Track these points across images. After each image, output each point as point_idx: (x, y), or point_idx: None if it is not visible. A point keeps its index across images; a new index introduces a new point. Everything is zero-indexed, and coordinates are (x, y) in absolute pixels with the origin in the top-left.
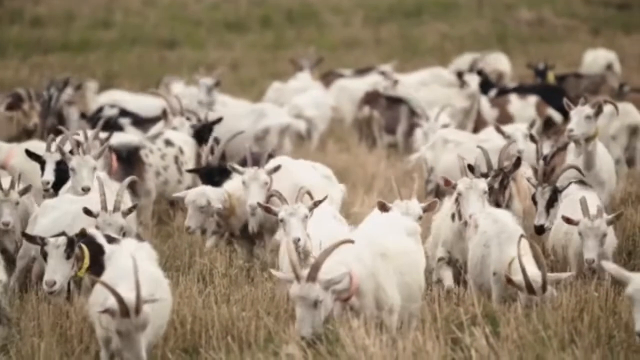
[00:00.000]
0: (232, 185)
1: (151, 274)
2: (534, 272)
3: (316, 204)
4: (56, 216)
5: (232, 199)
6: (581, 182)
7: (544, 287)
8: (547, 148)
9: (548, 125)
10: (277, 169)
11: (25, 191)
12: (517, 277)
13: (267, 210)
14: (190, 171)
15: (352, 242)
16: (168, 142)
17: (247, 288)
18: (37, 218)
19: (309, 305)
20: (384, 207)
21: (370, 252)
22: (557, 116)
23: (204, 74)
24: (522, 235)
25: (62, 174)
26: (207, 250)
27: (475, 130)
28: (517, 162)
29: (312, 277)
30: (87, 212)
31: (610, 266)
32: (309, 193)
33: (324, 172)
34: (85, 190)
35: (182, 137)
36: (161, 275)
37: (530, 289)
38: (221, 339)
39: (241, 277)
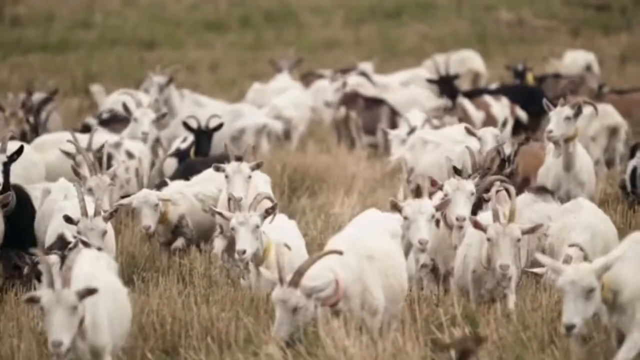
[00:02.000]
0: (166, 191)
1: (108, 283)
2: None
3: (268, 211)
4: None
5: (167, 204)
6: (539, 190)
7: (511, 217)
8: (507, 149)
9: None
10: (259, 165)
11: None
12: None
13: (220, 215)
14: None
15: (340, 253)
16: (130, 154)
17: (227, 288)
18: (53, 219)
19: (288, 309)
20: (395, 207)
21: (356, 254)
22: (523, 116)
23: (159, 72)
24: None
25: (7, 176)
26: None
27: None
28: (502, 165)
29: (294, 283)
30: (68, 219)
31: (546, 260)
32: (270, 198)
33: (264, 178)
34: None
35: (138, 146)
36: (119, 285)
37: (496, 217)
38: (201, 339)
39: (221, 278)
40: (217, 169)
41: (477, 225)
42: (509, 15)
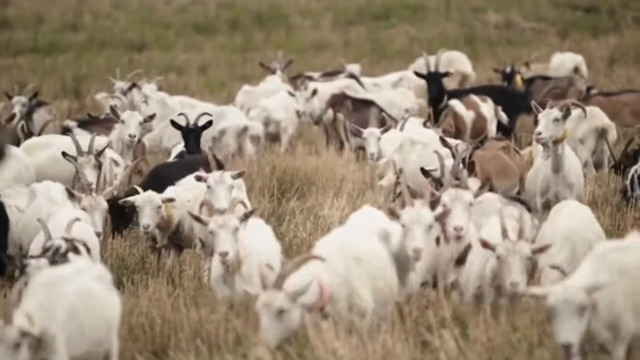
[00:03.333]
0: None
1: (82, 286)
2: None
3: (247, 215)
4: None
5: (168, 210)
6: (513, 198)
7: (520, 235)
8: (460, 148)
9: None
10: (241, 174)
11: None
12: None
13: (197, 220)
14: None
15: (322, 259)
16: (116, 162)
17: None
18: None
19: (272, 313)
20: (393, 214)
21: (343, 257)
22: (504, 117)
23: (119, 78)
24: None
25: None
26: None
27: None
28: (471, 167)
29: (278, 285)
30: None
31: (530, 291)
32: (243, 203)
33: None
34: (99, 235)
35: (114, 154)
36: (100, 291)
37: (505, 234)
38: (190, 341)
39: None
40: (199, 179)
41: (485, 244)
42: (497, 17)
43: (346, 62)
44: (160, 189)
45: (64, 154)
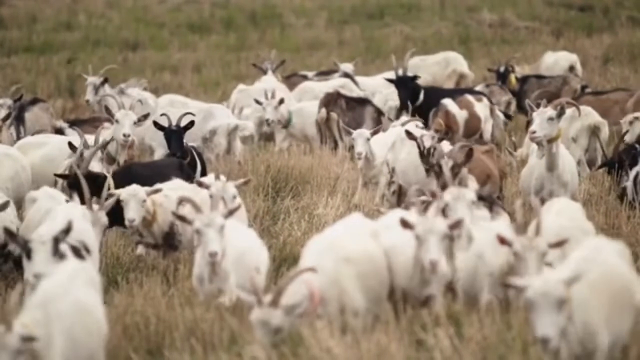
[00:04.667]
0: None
1: (76, 302)
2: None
3: (231, 212)
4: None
5: (155, 204)
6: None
7: (537, 231)
8: (426, 142)
9: None
10: (246, 182)
11: (3, 207)
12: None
13: (181, 219)
14: (58, 176)
15: (314, 271)
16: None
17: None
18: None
19: (269, 330)
20: (407, 225)
21: (333, 257)
22: (501, 118)
23: (92, 74)
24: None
25: None
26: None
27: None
28: (469, 154)
29: (274, 303)
30: (9, 233)
31: (511, 280)
32: (223, 199)
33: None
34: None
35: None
36: (92, 300)
37: (521, 230)
38: (185, 340)
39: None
40: (200, 185)
41: (503, 241)
42: (492, 17)
43: (340, 62)
44: (124, 186)
45: (70, 144)
